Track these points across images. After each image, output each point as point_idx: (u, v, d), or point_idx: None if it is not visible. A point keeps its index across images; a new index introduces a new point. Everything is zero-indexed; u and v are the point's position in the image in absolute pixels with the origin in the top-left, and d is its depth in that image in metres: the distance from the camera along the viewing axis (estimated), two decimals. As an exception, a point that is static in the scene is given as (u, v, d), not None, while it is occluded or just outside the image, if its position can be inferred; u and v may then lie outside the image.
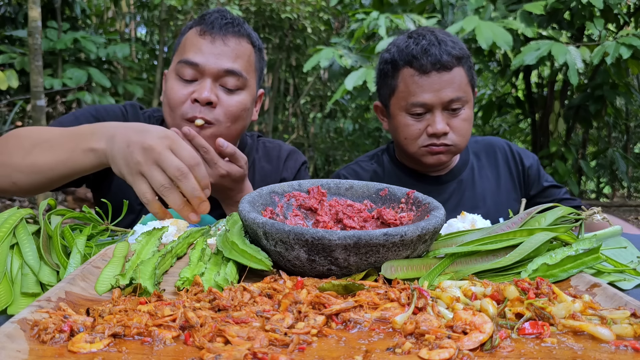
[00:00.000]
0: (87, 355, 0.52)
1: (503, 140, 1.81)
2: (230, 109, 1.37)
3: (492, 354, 0.54)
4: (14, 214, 0.87)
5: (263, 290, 0.67)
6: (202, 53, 1.36)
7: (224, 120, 1.36)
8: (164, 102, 1.41)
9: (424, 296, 0.63)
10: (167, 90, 1.39)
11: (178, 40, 1.48)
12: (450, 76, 1.50)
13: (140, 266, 0.75)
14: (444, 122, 1.51)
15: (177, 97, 1.36)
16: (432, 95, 1.49)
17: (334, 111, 8.80)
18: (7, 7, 5.67)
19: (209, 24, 1.39)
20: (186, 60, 1.36)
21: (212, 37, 1.37)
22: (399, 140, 1.60)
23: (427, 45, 1.50)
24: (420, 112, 1.52)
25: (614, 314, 0.60)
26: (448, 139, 1.52)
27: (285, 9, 6.69)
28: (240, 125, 1.42)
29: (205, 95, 1.33)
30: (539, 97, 5.72)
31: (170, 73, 1.42)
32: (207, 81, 1.35)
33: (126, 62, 6.36)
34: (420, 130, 1.53)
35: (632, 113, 6.78)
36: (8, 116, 5.62)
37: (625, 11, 4.68)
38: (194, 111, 1.34)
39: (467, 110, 1.54)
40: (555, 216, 0.92)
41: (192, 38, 1.40)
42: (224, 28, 1.39)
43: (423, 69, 1.49)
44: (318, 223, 0.92)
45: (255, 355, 0.50)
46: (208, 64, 1.35)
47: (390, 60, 1.57)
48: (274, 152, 1.66)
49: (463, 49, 1.55)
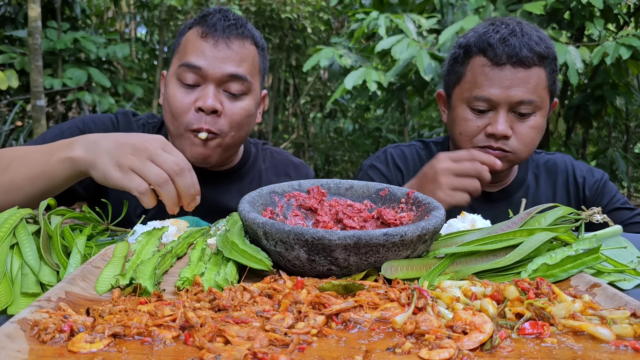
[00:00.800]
0: (87, 355, 0.52)
1: (569, 159, 1.59)
2: (234, 118, 1.33)
3: (492, 354, 0.54)
4: (14, 214, 0.87)
5: (263, 290, 0.67)
6: (205, 57, 1.30)
7: (228, 130, 1.33)
8: (166, 108, 1.36)
9: (424, 296, 0.63)
10: (168, 97, 1.34)
11: (177, 40, 1.41)
12: (526, 74, 1.31)
13: (140, 266, 0.75)
14: (507, 124, 1.33)
15: (180, 106, 1.31)
16: (500, 92, 1.31)
17: (334, 111, 8.80)
18: (7, 7, 5.67)
19: (211, 25, 1.33)
20: (188, 64, 1.31)
21: (215, 39, 1.31)
22: (454, 135, 1.43)
23: (507, 35, 1.33)
24: (483, 109, 1.35)
25: (614, 314, 0.60)
26: (508, 144, 1.34)
27: (285, 9, 6.69)
28: (245, 132, 1.38)
29: (209, 104, 1.28)
30: (539, 97, 5.71)
31: (170, 76, 1.37)
32: (210, 87, 1.30)
33: (126, 62, 6.37)
34: (479, 128, 1.36)
35: (632, 113, 6.78)
36: (8, 116, 5.62)
37: (625, 11, 4.68)
38: (199, 122, 1.30)
39: (538, 117, 1.35)
40: (555, 216, 0.92)
41: (193, 40, 1.33)
42: (227, 30, 1.33)
43: (497, 60, 1.32)
44: (318, 223, 0.92)
45: (255, 355, 0.50)
46: (211, 68, 1.30)
47: (464, 45, 1.40)
48: (281, 164, 1.61)
49: (550, 48, 1.35)
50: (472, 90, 1.36)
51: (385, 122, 7.92)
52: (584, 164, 1.61)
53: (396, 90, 4.57)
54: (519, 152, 1.36)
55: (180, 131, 1.32)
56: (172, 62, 1.40)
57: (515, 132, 1.35)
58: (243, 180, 1.52)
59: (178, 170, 0.98)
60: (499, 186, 1.52)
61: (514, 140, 1.35)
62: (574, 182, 1.55)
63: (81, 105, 5.76)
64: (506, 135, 1.33)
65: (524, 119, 1.35)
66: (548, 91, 1.38)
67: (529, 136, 1.35)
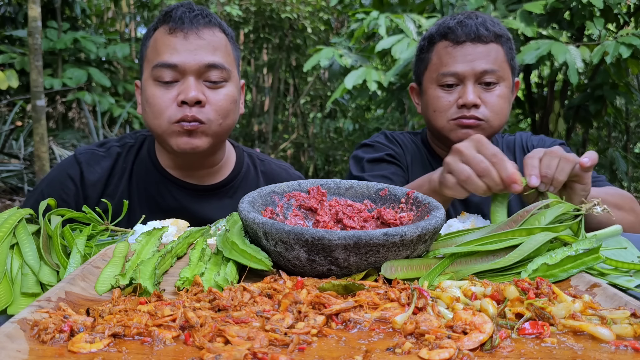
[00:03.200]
0: (87, 355, 0.52)
1: (527, 135, 1.70)
2: (219, 104, 1.30)
3: (492, 354, 0.54)
4: (14, 214, 0.87)
5: (263, 290, 0.67)
6: (178, 52, 1.27)
7: (215, 118, 1.29)
8: (147, 111, 1.32)
9: (424, 296, 0.63)
10: (148, 98, 1.30)
11: (143, 46, 1.37)
12: (485, 49, 1.44)
13: (140, 266, 0.75)
14: (476, 94, 1.43)
15: (161, 102, 1.27)
16: (465, 65, 1.44)
17: (333, 111, 8.80)
18: (7, 7, 5.67)
19: (177, 19, 1.29)
20: (162, 63, 1.27)
21: (184, 32, 1.28)
22: (429, 115, 1.53)
23: (464, 19, 1.47)
24: (452, 83, 1.46)
25: (614, 314, 0.60)
26: (479, 112, 1.44)
27: (285, 9, 6.69)
28: (231, 120, 1.35)
29: (192, 95, 1.25)
30: (539, 97, 5.72)
31: (145, 80, 1.32)
32: (190, 80, 1.27)
33: (126, 62, 6.37)
34: (450, 103, 1.46)
35: (632, 113, 6.78)
36: (8, 116, 5.62)
37: (625, 11, 4.68)
38: (182, 112, 1.26)
39: (503, 88, 1.47)
40: (555, 214, 0.91)
41: (162, 38, 1.30)
42: (194, 21, 1.29)
43: (457, 40, 1.45)
44: (318, 223, 0.92)
45: (255, 355, 0.50)
46: (187, 61, 1.26)
47: (427, 36, 1.54)
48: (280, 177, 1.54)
49: (503, 30, 1.50)
50: (440, 68, 1.48)
51: (385, 122, 7.92)
52: (540, 135, 1.71)
53: (396, 90, 4.57)
54: (491, 120, 1.46)
55: (164, 127, 1.29)
56: (143, 68, 1.36)
57: (484, 101, 1.45)
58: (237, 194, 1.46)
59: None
60: None
61: (484, 109, 1.45)
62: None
63: (81, 105, 5.77)
64: (476, 104, 1.43)
65: (490, 89, 1.46)
66: (509, 65, 1.50)
67: (497, 104, 1.46)
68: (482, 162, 1.03)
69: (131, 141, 1.48)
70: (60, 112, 6.13)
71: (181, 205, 1.40)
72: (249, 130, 8.18)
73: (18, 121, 6.13)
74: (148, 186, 1.41)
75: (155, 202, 1.39)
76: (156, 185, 1.41)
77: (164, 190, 1.41)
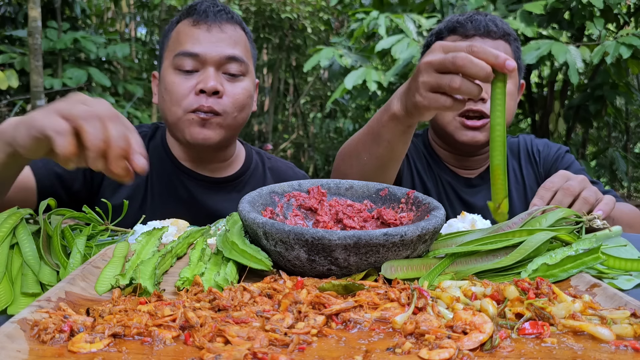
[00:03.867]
0: (87, 355, 0.52)
1: (530, 138, 1.68)
2: (236, 97, 1.33)
3: (492, 354, 0.54)
4: (14, 214, 0.87)
5: (263, 290, 0.67)
6: (200, 42, 1.31)
7: (231, 111, 1.33)
8: (164, 99, 1.35)
9: (424, 296, 0.63)
10: (167, 85, 1.33)
11: (165, 37, 1.42)
12: (494, 44, 1.42)
13: (140, 266, 0.75)
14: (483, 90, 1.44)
15: (180, 90, 1.30)
16: None
17: (334, 111, 8.80)
18: (7, 7, 5.67)
19: (201, 13, 1.34)
20: (185, 52, 1.31)
21: (208, 25, 1.33)
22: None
23: (474, 15, 1.47)
24: None
25: (614, 314, 0.60)
26: (486, 106, 1.42)
27: (285, 9, 6.69)
28: (246, 114, 1.39)
29: (211, 85, 1.28)
30: (539, 97, 5.72)
31: (165, 69, 1.36)
32: (209, 70, 1.30)
33: (126, 62, 6.37)
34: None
35: (632, 113, 6.78)
36: (8, 116, 5.61)
37: (625, 11, 4.68)
38: (199, 101, 1.29)
39: (510, 86, 1.45)
40: (556, 217, 0.92)
41: (185, 30, 1.34)
42: (218, 15, 1.34)
43: (466, 34, 1.44)
44: (318, 223, 0.92)
45: (255, 355, 0.50)
46: (209, 52, 1.31)
47: (436, 32, 1.53)
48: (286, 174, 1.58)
49: (511, 30, 1.49)
50: None
51: (385, 122, 7.90)
52: (544, 140, 1.69)
53: (396, 90, 4.57)
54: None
55: (179, 115, 1.31)
56: (163, 57, 1.39)
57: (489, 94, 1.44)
58: (245, 189, 1.49)
59: (111, 115, 0.77)
60: (476, 172, 1.60)
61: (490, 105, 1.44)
62: (533, 157, 1.64)
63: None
64: (483, 98, 1.40)
65: None
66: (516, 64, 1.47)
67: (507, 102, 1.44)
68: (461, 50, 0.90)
69: (146, 130, 1.51)
70: (60, 112, 6.11)
71: (192, 195, 1.42)
72: (249, 130, 8.18)
73: (18, 121, 6.12)
74: (161, 175, 1.44)
75: (168, 191, 1.41)
76: (169, 174, 1.43)
77: (177, 180, 1.43)
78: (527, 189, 1.61)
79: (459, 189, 1.58)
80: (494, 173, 0.82)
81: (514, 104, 1.50)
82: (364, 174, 1.20)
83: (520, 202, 1.60)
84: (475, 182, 1.59)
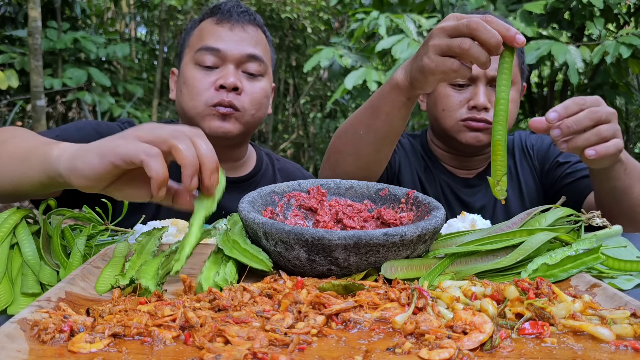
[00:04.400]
0: (87, 355, 0.52)
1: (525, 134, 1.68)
2: (254, 96, 1.37)
3: (492, 354, 0.54)
4: (14, 214, 0.87)
5: (263, 290, 0.67)
6: (223, 39, 1.36)
7: (249, 108, 1.36)
8: (183, 93, 1.37)
9: (424, 296, 0.63)
10: (187, 79, 1.36)
11: (187, 35, 1.46)
12: None
13: (143, 266, 0.74)
14: (487, 96, 1.42)
15: (200, 85, 1.34)
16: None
17: (333, 111, 8.79)
18: (7, 7, 5.67)
19: (225, 12, 1.39)
20: (207, 47, 1.35)
21: (231, 24, 1.38)
22: (437, 114, 1.50)
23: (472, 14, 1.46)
24: (463, 84, 1.45)
25: (614, 314, 0.60)
26: (490, 115, 1.42)
27: (285, 9, 6.69)
28: (262, 113, 1.42)
29: (231, 81, 1.32)
30: (539, 97, 5.72)
31: (186, 64, 1.39)
32: (230, 67, 1.35)
33: (126, 62, 6.37)
34: (461, 103, 1.45)
35: (632, 113, 6.78)
36: (8, 116, 5.62)
37: (625, 11, 4.68)
38: (220, 96, 1.33)
39: (513, 92, 1.44)
40: (556, 217, 0.92)
41: (208, 28, 1.39)
42: (241, 16, 1.40)
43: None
44: (318, 223, 0.92)
45: (255, 355, 0.50)
46: (230, 49, 1.35)
47: None
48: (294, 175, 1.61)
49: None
50: None
51: (385, 122, 7.90)
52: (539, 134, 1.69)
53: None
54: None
55: (199, 109, 1.34)
56: (184, 54, 1.43)
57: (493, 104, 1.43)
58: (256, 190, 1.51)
59: (196, 132, 0.77)
60: (475, 172, 1.60)
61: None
62: (527, 152, 1.64)
63: (81, 105, 5.76)
64: (486, 107, 1.42)
65: None
66: (519, 69, 1.49)
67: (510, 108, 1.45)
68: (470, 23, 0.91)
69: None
70: (60, 112, 6.13)
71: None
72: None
73: (18, 121, 6.13)
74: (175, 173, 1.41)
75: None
76: None
77: None
78: (522, 185, 1.62)
79: (458, 189, 1.59)
80: (495, 149, 0.84)
81: (517, 109, 1.50)
82: (358, 150, 1.20)
83: (515, 197, 1.60)
84: (473, 183, 1.60)
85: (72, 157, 0.77)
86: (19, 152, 0.90)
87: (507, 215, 1.58)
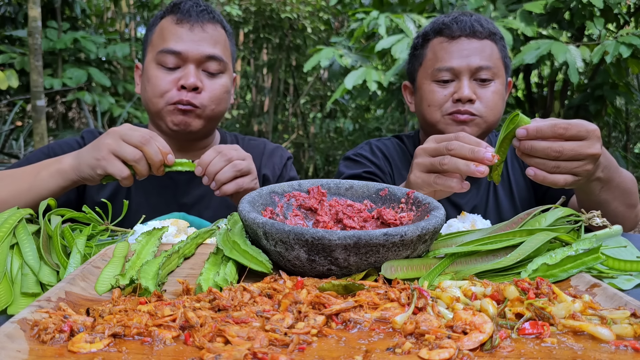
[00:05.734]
0: (87, 355, 0.52)
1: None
2: (214, 93, 1.44)
3: (492, 354, 0.54)
4: (14, 214, 0.87)
5: (263, 290, 0.67)
6: (183, 41, 1.41)
7: (209, 104, 1.43)
8: (146, 91, 1.44)
9: (424, 296, 0.63)
10: (150, 79, 1.43)
11: (149, 31, 1.51)
12: (480, 44, 1.46)
13: (144, 266, 0.75)
14: (471, 89, 1.45)
15: (162, 85, 1.41)
16: (460, 60, 1.45)
17: (333, 111, 8.80)
18: (7, 7, 5.67)
19: (185, 12, 1.44)
20: (168, 50, 1.41)
21: (191, 24, 1.43)
22: (423, 110, 1.53)
23: (459, 16, 1.50)
24: (447, 79, 1.47)
25: (614, 314, 0.60)
26: (474, 107, 1.45)
27: (285, 9, 6.69)
28: (223, 107, 1.49)
29: (192, 81, 1.39)
30: (539, 97, 5.72)
31: (149, 63, 1.45)
32: (190, 67, 1.41)
33: (126, 62, 6.36)
34: (446, 97, 1.47)
35: (632, 113, 6.78)
36: (8, 116, 5.62)
37: (625, 11, 4.68)
38: (180, 96, 1.40)
39: (497, 84, 1.48)
40: (555, 217, 0.92)
41: (169, 27, 1.44)
42: (200, 15, 1.44)
43: (452, 35, 1.47)
44: (318, 223, 0.92)
45: (255, 355, 0.50)
46: (190, 50, 1.41)
47: (422, 34, 1.57)
48: (257, 149, 1.66)
49: (497, 29, 1.52)
50: (435, 64, 1.49)
51: (385, 122, 7.91)
52: None
53: (396, 90, 4.57)
54: (485, 116, 1.47)
55: (161, 106, 1.42)
56: (147, 51, 1.49)
57: (479, 97, 1.46)
58: None
59: (144, 141, 1.12)
60: None
61: (479, 104, 1.45)
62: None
63: (81, 105, 5.76)
64: (471, 98, 1.44)
65: (485, 85, 1.47)
66: (502, 62, 1.52)
67: (492, 100, 1.47)
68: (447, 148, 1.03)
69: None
70: (60, 112, 6.13)
71: (176, 184, 1.52)
72: (249, 130, 8.18)
73: (18, 121, 6.13)
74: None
75: (152, 182, 1.48)
76: None
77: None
78: (512, 185, 1.63)
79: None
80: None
81: (503, 103, 1.52)
82: None
83: (506, 196, 1.61)
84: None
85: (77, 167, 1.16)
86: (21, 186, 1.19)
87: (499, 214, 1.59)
